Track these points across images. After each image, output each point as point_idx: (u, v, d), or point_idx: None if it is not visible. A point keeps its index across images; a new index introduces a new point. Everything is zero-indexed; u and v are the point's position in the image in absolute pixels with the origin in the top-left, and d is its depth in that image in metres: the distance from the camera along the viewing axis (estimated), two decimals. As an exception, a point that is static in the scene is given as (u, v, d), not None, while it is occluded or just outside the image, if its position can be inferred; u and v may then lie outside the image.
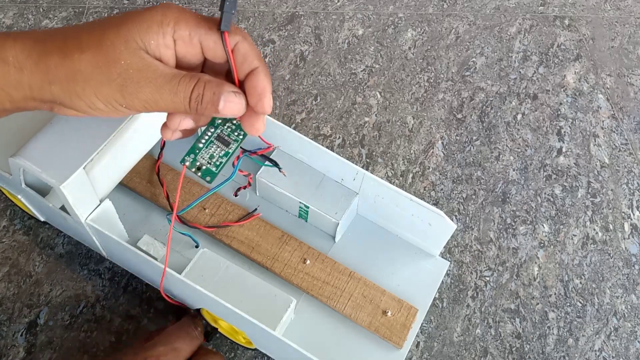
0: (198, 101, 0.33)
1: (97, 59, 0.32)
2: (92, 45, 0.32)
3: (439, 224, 0.50)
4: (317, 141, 0.51)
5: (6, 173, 0.47)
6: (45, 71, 0.33)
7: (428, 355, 0.53)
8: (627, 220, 0.62)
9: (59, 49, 0.32)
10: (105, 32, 0.32)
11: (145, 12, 0.32)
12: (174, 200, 0.54)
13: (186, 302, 0.49)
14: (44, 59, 0.32)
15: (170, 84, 0.32)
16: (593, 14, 0.81)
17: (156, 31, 0.32)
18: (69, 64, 0.32)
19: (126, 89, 0.32)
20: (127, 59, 0.32)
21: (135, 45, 0.32)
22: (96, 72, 0.32)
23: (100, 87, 0.32)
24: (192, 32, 0.33)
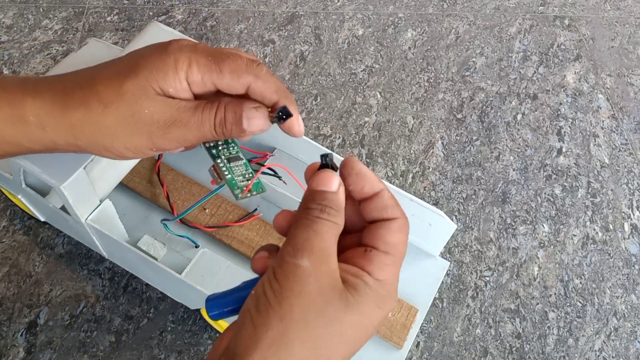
0: (222, 125, 0.33)
1: (121, 111, 0.32)
2: (113, 98, 0.32)
3: (439, 224, 0.50)
4: (317, 141, 0.51)
5: (6, 173, 0.47)
6: (69, 128, 0.33)
7: (428, 355, 0.53)
8: (627, 220, 0.62)
9: (80, 103, 0.32)
10: (122, 83, 0.32)
11: (158, 57, 0.32)
12: (174, 200, 0.54)
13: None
14: (66, 116, 0.32)
15: (195, 116, 0.33)
16: (593, 14, 0.81)
17: (172, 77, 0.32)
18: (93, 120, 0.32)
19: (154, 135, 0.33)
20: (150, 107, 0.32)
21: (154, 92, 0.32)
22: (122, 125, 0.32)
23: (129, 139, 0.33)
24: (204, 77, 0.33)
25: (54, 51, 0.71)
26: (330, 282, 0.26)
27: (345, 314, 0.26)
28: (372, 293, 0.27)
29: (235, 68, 0.32)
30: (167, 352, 0.51)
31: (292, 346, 0.25)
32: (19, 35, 0.72)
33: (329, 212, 0.27)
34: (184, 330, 0.52)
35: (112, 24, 0.74)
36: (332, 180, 0.28)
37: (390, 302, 0.28)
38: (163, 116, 0.32)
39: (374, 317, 0.27)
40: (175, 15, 0.76)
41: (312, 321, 0.25)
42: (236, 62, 0.33)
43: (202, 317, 0.52)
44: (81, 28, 0.73)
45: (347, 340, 0.26)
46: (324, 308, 0.26)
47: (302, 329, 0.25)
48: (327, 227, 0.27)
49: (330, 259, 0.27)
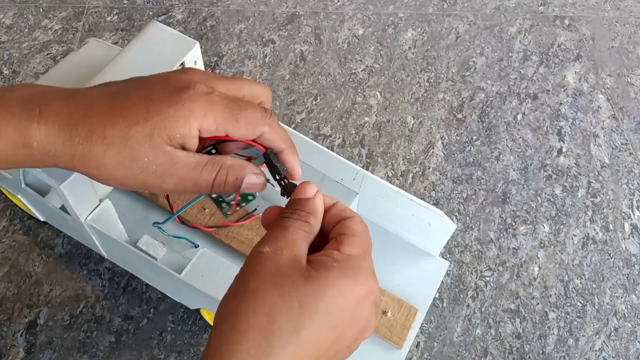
0: (220, 186, 0.33)
1: (122, 155, 0.32)
2: (116, 140, 0.32)
3: (439, 224, 0.50)
4: (317, 141, 0.51)
5: (6, 173, 0.47)
6: (70, 158, 0.33)
7: (428, 355, 0.53)
8: (627, 220, 0.62)
9: (84, 139, 0.32)
10: (130, 128, 0.32)
11: (171, 106, 0.32)
12: (173, 200, 0.54)
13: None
14: (68, 147, 0.33)
15: (192, 174, 0.33)
16: (593, 14, 0.81)
17: (182, 125, 0.32)
18: (93, 157, 0.33)
19: (148, 182, 0.33)
20: (150, 155, 0.32)
21: (160, 140, 0.32)
22: (119, 168, 0.33)
23: (124, 181, 0.33)
24: (219, 127, 0.33)
25: (54, 51, 0.71)
26: (291, 263, 0.29)
27: (304, 285, 0.28)
28: (339, 265, 0.29)
29: (251, 120, 0.33)
30: (167, 352, 0.51)
31: (246, 316, 0.28)
32: (19, 35, 0.72)
33: (299, 213, 0.31)
34: (184, 331, 0.52)
35: (112, 24, 0.74)
36: (307, 189, 0.32)
37: (365, 277, 0.30)
38: (161, 168, 0.33)
39: (346, 289, 0.29)
40: (175, 15, 0.76)
41: (266, 293, 0.28)
42: (253, 114, 0.33)
43: (202, 317, 0.52)
44: (81, 28, 0.73)
45: (312, 310, 0.28)
46: (280, 281, 0.28)
47: (254, 299, 0.28)
48: (295, 224, 0.31)
49: (294, 248, 0.30)
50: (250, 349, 0.27)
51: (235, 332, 0.28)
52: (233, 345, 0.27)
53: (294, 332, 0.28)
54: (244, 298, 0.28)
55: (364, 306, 0.30)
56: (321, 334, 0.29)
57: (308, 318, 0.28)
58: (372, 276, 0.31)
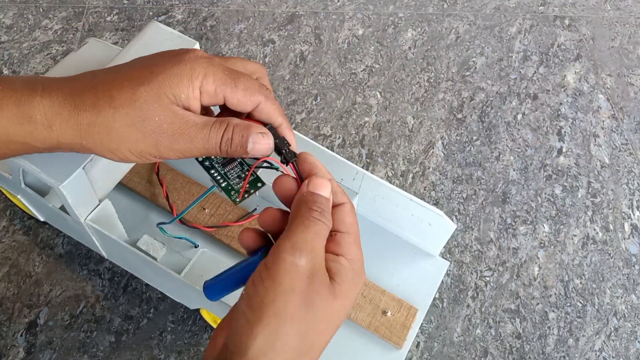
0: (228, 145, 0.34)
1: (131, 116, 0.32)
2: (124, 102, 0.32)
3: (439, 224, 0.50)
4: (317, 141, 0.51)
5: (6, 173, 0.47)
6: (76, 128, 0.33)
7: (428, 355, 0.53)
8: (627, 220, 0.62)
9: (91, 106, 0.32)
10: (136, 89, 0.32)
11: (174, 65, 0.33)
12: (173, 200, 0.54)
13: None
14: (74, 116, 0.32)
15: (202, 132, 0.33)
16: (593, 14, 0.81)
17: (186, 85, 0.32)
18: (101, 122, 0.32)
19: (161, 143, 0.33)
20: (160, 115, 0.32)
21: (167, 100, 0.32)
22: (130, 130, 0.33)
23: (136, 144, 0.33)
24: (217, 89, 0.33)
25: (54, 51, 0.71)
26: (320, 277, 0.29)
27: (333, 303, 0.29)
28: (349, 274, 0.30)
29: (249, 86, 0.34)
30: (167, 353, 0.51)
31: (287, 339, 0.27)
32: (19, 35, 0.72)
33: (326, 215, 0.30)
34: (184, 331, 0.52)
35: (112, 24, 0.74)
36: (326, 186, 0.31)
37: (362, 279, 0.31)
38: (171, 127, 0.33)
39: (352, 296, 0.30)
40: (175, 15, 0.76)
41: (304, 315, 0.28)
42: (250, 81, 0.34)
43: (202, 317, 0.52)
44: (81, 28, 0.73)
45: (333, 324, 0.29)
46: (314, 301, 0.28)
47: (295, 322, 0.27)
48: (324, 229, 0.30)
49: (321, 257, 0.29)
50: None
51: (278, 354, 0.27)
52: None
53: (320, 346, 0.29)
54: (284, 322, 0.27)
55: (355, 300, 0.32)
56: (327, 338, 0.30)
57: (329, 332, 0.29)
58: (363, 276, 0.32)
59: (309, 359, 0.28)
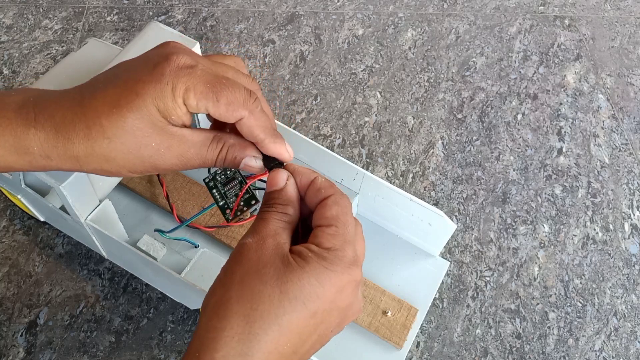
0: (221, 162, 0.34)
1: (127, 145, 0.32)
2: (118, 132, 0.32)
3: (439, 224, 0.50)
4: (317, 141, 0.51)
5: (6, 173, 0.47)
6: (74, 159, 0.33)
7: (428, 355, 0.53)
8: (627, 220, 0.62)
9: (84, 138, 0.32)
10: (126, 116, 0.32)
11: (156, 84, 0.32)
12: (173, 200, 0.54)
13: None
14: (70, 149, 0.32)
15: (200, 153, 0.34)
16: (593, 14, 0.81)
17: (172, 106, 0.32)
18: (98, 152, 0.32)
19: (159, 165, 0.33)
20: (157, 139, 0.32)
21: (160, 124, 0.32)
22: (129, 157, 0.33)
23: (134, 167, 0.33)
24: (199, 103, 0.32)
25: (54, 51, 0.71)
26: (273, 251, 0.30)
27: (284, 272, 0.29)
28: (315, 256, 0.30)
29: (232, 100, 0.32)
30: (167, 352, 0.51)
31: (230, 303, 0.29)
32: (19, 35, 0.72)
33: (276, 206, 0.32)
34: (184, 331, 0.52)
35: (112, 24, 0.74)
36: (277, 179, 0.33)
37: (343, 267, 0.30)
38: (169, 150, 0.33)
39: (324, 279, 0.30)
40: (175, 15, 0.76)
41: (249, 281, 0.29)
42: (234, 94, 0.32)
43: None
44: (81, 28, 0.73)
45: (292, 297, 0.29)
46: (263, 269, 0.29)
47: (239, 288, 0.29)
48: (274, 215, 0.32)
49: (275, 237, 0.31)
50: (234, 335, 0.28)
51: (221, 319, 0.29)
52: (218, 332, 0.29)
53: (275, 318, 0.29)
54: (230, 287, 0.30)
55: (344, 294, 0.31)
56: (301, 321, 0.29)
57: (288, 305, 0.29)
58: (353, 265, 0.31)
59: (260, 326, 0.28)
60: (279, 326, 0.29)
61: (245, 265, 0.30)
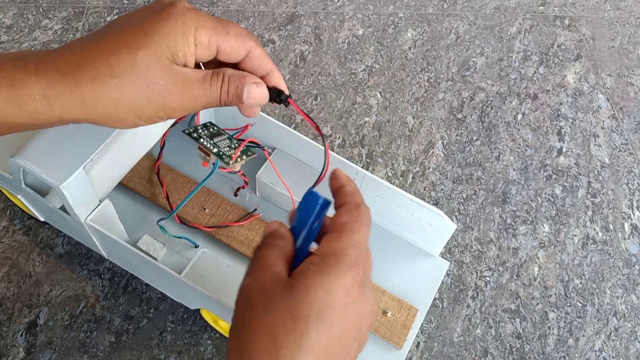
0: (225, 96, 0.34)
1: (135, 83, 0.32)
2: (125, 70, 0.32)
3: (439, 224, 0.50)
4: (317, 141, 0.51)
5: (6, 173, 0.47)
6: (79, 104, 0.32)
7: (428, 355, 0.53)
8: (627, 220, 0.62)
9: (91, 79, 0.32)
10: (135, 54, 0.32)
11: (166, 22, 0.32)
12: (173, 200, 0.54)
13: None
14: (76, 92, 0.32)
15: (203, 87, 0.34)
16: (593, 14, 0.81)
17: (181, 42, 0.33)
18: (106, 94, 0.32)
19: (167, 105, 0.33)
20: (164, 77, 0.33)
21: (167, 61, 0.33)
22: (137, 97, 0.32)
23: (143, 110, 0.33)
24: (211, 39, 0.33)
25: (54, 51, 0.71)
26: (273, 282, 0.30)
27: (289, 296, 0.29)
28: (315, 267, 0.30)
29: (239, 32, 0.34)
30: (167, 352, 0.51)
31: (249, 343, 0.29)
32: (19, 35, 0.72)
33: (267, 242, 0.32)
34: (184, 331, 0.52)
35: (112, 24, 0.74)
36: (270, 226, 0.33)
37: (344, 268, 0.30)
38: (176, 87, 0.33)
39: (328, 285, 0.29)
40: (175, 15, 0.76)
41: (260, 316, 0.29)
42: (238, 27, 0.34)
43: (202, 317, 0.52)
44: (81, 28, 0.73)
45: (305, 316, 0.29)
46: (269, 302, 0.29)
47: (253, 326, 0.29)
48: (265, 251, 0.32)
49: (270, 269, 0.31)
50: None
51: (244, 358, 0.29)
52: None
53: (295, 342, 0.28)
54: (244, 328, 0.30)
55: (352, 295, 0.30)
56: (322, 335, 0.29)
57: (304, 325, 0.29)
58: (355, 265, 0.31)
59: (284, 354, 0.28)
60: (302, 348, 0.28)
61: (252, 303, 0.30)
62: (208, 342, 0.52)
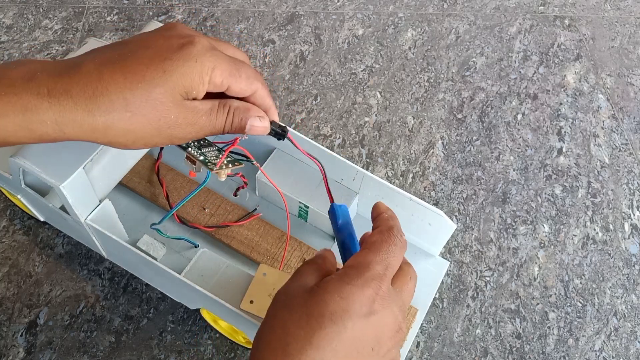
0: (229, 127, 0.37)
1: (148, 118, 0.34)
2: (141, 105, 0.33)
3: (439, 224, 0.50)
4: (317, 141, 0.51)
5: (6, 173, 0.47)
6: (90, 131, 0.33)
7: (428, 355, 0.53)
8: (627, 220, 0.62)
9: (105, 111, 0.33)
10: (151, 91, 0.33)
11: (185, 63, 0.34)
12: (173, 200, 0.54)
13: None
14: (88, 121, 0.33)
15: (210, 119, 0.36)
16: (593, 14, 0.81)
17: (198, 82, 0.34)
18: (118, 125, 0.33)
19: (174, 135, 0.35)
20: (176, 112, 0.34)
21: (180, 98, 0.34)
22: (147, 129, 0.34)
23: (152, 139, 0.35)
24: (224, 80, 0.35)
25: (54, 51, 0.71)
26: (298, 287, 0.33)
27: (309, 299, 0.32)
28: (337, 276, 0.33)
29: (250, 74, 0.36)
30: (167, 352, 0.51)
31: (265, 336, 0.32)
32: (19, 35, 0.72)
33: (308, 260, 0.36)
34: (184, 331, 0.52)
35: (112, 24, 0.74)
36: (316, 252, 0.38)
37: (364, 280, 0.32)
38: (185, 120, 0.35)
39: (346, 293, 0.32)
40: (175, 15, 0.76)
41: (279, 315, 0.33)
42: (249, 69, 0.37)
43: (202, 318, 0.52)
44: (81, 28, 0.73)
45: (318, 315, 0.31)
46: (290, 302, 0.33)
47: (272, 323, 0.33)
48: (304, 266, 0.35)
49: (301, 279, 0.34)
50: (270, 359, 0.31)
51: (259, 351, 0.32)
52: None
53: (305, 338, 0.30)
54: (264, 323, 0.33)
55: (372, 307, 0.32)
56: (333, 336, 0.30)
57: (316, 323, 0.31)
58: (378, 278, 0.33)
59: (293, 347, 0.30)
60: (311, 344, 0.30)
61: (275, 304, 0.33)
62: (208, 342, 0.52)
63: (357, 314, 0.31)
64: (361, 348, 0.31)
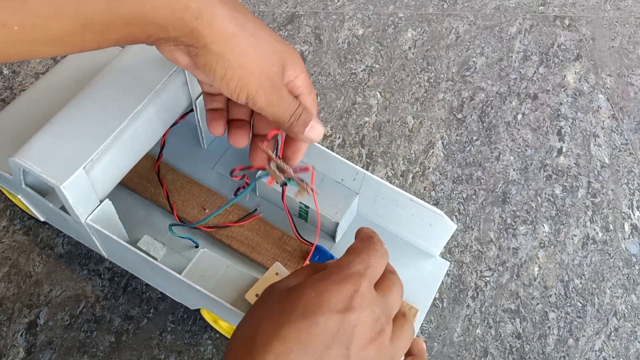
0: (295, 117, 0.38)
1: (266, 68, 0.36)
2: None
3: (439, 224, 0.50)
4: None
5: (6, 173, 0.47)
6: None
7: (428, 355, 0.53)
8: (627, 220, 0.62)
9: None
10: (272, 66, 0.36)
11: None
12: (173, 200, 0.54)
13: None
14: None
15: (290, 98, 0.38)
16: (593, 14, 0.81)
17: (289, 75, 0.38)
18: (236, 70, 0.35)
19: (264, 91, 0.36)
20: (277, 79, 0.37)
21: (281, 76, 0.37)
22: (259, 73, 0.35)
23: (253, 86, 0.36)
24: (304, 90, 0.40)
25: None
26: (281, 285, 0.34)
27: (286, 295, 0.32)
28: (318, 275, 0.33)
29: (311, 89, 0.40)
30: (167, 353, 0.51)
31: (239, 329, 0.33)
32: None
33: None
34: (184, 331, 0.52)
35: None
36: None
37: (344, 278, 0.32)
38: (276, 86, 0.37)
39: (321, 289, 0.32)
40: (175, 15, 0.76)
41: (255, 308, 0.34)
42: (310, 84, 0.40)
43: (202, 318, 0.52)
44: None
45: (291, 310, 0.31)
46: (267, 297, 0.34)
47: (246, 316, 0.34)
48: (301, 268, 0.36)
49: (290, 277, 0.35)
50: (238, 350, 0.31)
51: (231, 343, 0.33)
52: (228, 355, 0.32)
53: (274, 331, 0.30)
54: (243, 319, 0.34)
55: (350, 303, 0.31)
56: (302, 331, 0.30)
57: (287, 317, 0.31)
58: (357, 275, 0.32)
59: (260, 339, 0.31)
60: (278, 337, 0.30)
61: (258, 300, 0.34)
62: (208, 342, 0.52)
63: (332, 309, 0.30)
64: (332, 345, 0.30)
